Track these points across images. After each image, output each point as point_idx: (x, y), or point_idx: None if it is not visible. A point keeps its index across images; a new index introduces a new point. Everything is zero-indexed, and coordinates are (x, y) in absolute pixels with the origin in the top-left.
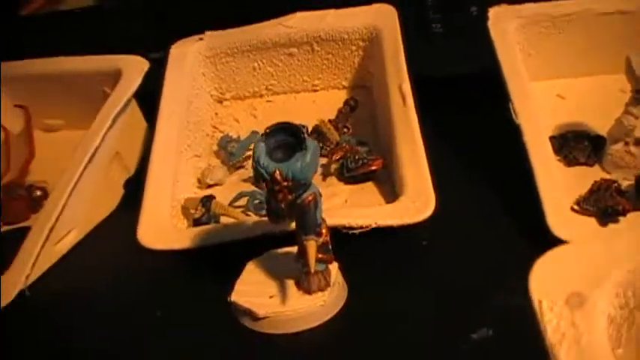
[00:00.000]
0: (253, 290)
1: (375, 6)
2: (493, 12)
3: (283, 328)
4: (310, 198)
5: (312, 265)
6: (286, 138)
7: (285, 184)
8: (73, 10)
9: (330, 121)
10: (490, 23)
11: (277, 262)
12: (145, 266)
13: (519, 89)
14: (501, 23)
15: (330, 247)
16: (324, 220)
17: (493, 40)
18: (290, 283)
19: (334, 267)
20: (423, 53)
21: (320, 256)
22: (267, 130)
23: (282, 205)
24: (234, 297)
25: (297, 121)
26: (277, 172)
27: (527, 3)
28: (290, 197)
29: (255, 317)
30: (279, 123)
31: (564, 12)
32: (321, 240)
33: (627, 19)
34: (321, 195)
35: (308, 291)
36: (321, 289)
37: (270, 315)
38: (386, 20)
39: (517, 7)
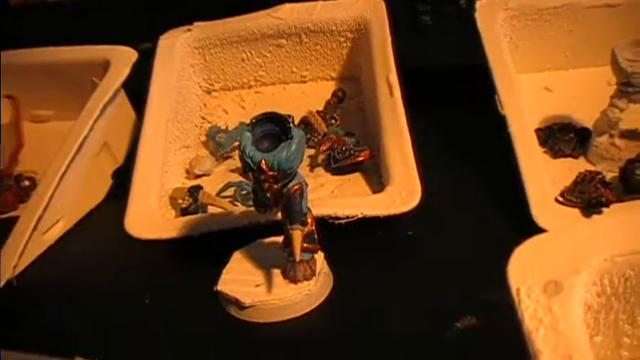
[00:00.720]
0: (239, 279)
1: None
2: (480, 4)
3: (269, 317)
4: (296, 187)
5: (298, 254)
6: (272, 128)
7: (271, 173)
8: (61, 1)
9: (318, 112)
10: (477, 15)
11: (264, 252)
12: (132, 255)
13: (505, 81)
14: (489, 15)
15: (316, 236)
16: (309, 210)
17: (480, 33)
18: (276, 272)
19: (320, 256)
20: (412, 45)
21: (305, 245)
22: (253, 120)
23: (269, 195)
24: (220, 286)
25: (285, 112)
26: (263, 161)
27: None
28: (276, 187)
29: (241, 306)
30: (265, 113)
31: (552, 4)
32: (306, 229)
33: (615, 12)
34: (307, 184)
35: (294, 280)
36: (307, 279)
37: (256, 304)
38: (374, 12)
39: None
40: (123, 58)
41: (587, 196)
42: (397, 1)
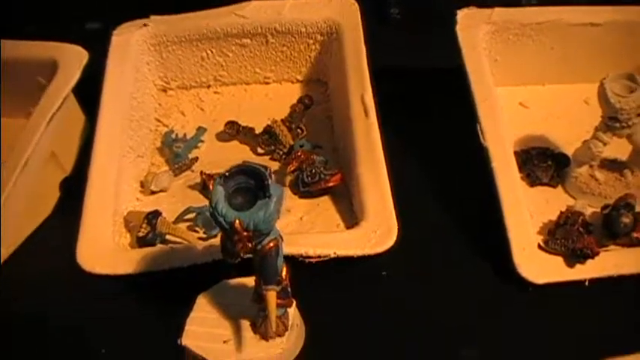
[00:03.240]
0: (206, 333)
1: None
2: (462, 15)
3: None
4: (272, 245)
5: (274, 317)
6: (247, 181)
7: (246, 234)
8: None
9: (282, 121)
10: (458, 27)
11: (230, 297)
12: (85, 289)
13: (487, 103)
14: (470, 28)
15: (289, 290)
16: (283, 263)
17: (460, 45)
18: (245, 325)
19: (292, 308)
20: (385, 47)
21: (279, 301)
22: (227, 173)
23: (241, 254)
24: (185, 341)
25: (248, 116)
26: (237, 221)
27: (497, 7)
28: (250, 245)
29: None
30: (239, 165)
31: (535, 20)
32: (280, 287)
33: (598, 31)
34: (282, 239)
35: (265, 336)
36: (279, 335)
37: None
38: (347, 15)
39: (487, 11)
40: (72, 59)
41: (571, 245)
42: (370, 3)
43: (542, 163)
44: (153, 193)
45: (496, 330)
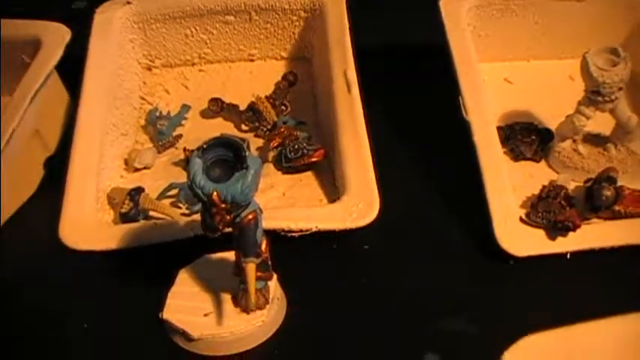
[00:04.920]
0: (186, 306)
1: None
2: None
3: (219, 350)
4: (250, 217)
5: (252, 289)
6: (225, 153)
7: (224, 206)
8: None
9: (267, 97)
10: (442, 2)
11: (211, 271)
12: (68, 265)
13: (469, 79)
14: (454, 3)
15: (269, 262)
16: (263, 236)
17: (444, 21)
18: (226, 298)
19: (273, 281)
20: (369, 22)
21: (259, 274)
22: (204, 145)
23: (219, 226)
24: (166, 314)
25: (232, 93)
26: (215, 193)
27: None
28: (228, 218)
29: (189, 338)
30: (217, 137)
31: None
32: (260, 259)
33: (582, 6)
34: (261, 211)
35: (246, 309)
36: (260, 308)
37: (205, 337)
38: None
39: None
40: (55, 37)
41: (552, 217)
42: None
43: (526, 137)
44: (137, 170)
45: (477, 303)
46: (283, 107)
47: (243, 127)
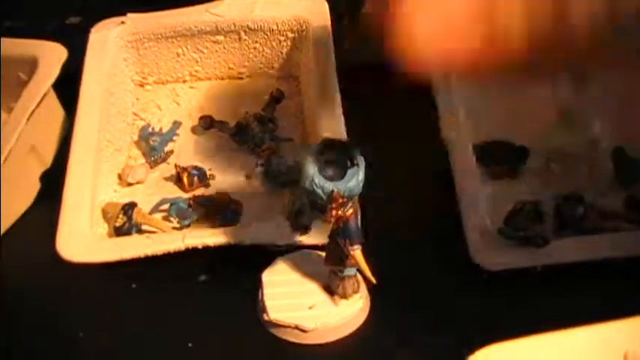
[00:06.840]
0: (287, 304)
1: None
2: None
3: (329, 337)
4: (354, 208)
5: (368, 273)
6: (332, 155)
7: (341, 201)
8: None
9: (255, 114)
10: None
11: (290, 271)
12: (65, 276)
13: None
14: None
15: None
16: None
17: None
18: (318, 291)
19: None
20: (353, 42)
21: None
22: (317, 149)
23: (332, 221)
24: (273, 315)
25: (222, 110)
26: (336, 190)
27: None
28: (340, 213)
29: (303, 330)
30: (326, 140)
31: None
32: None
33: None
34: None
35: (344, 296)
36: (355, 292)
37: (320, 326)
38: (316, 13)
39: None
40: (52, 56)
41: (524, 233)
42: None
43: (501, 155)
44: (130, 185)
45: (451, 317)
46: (271, 124)
47: (232, 143)
